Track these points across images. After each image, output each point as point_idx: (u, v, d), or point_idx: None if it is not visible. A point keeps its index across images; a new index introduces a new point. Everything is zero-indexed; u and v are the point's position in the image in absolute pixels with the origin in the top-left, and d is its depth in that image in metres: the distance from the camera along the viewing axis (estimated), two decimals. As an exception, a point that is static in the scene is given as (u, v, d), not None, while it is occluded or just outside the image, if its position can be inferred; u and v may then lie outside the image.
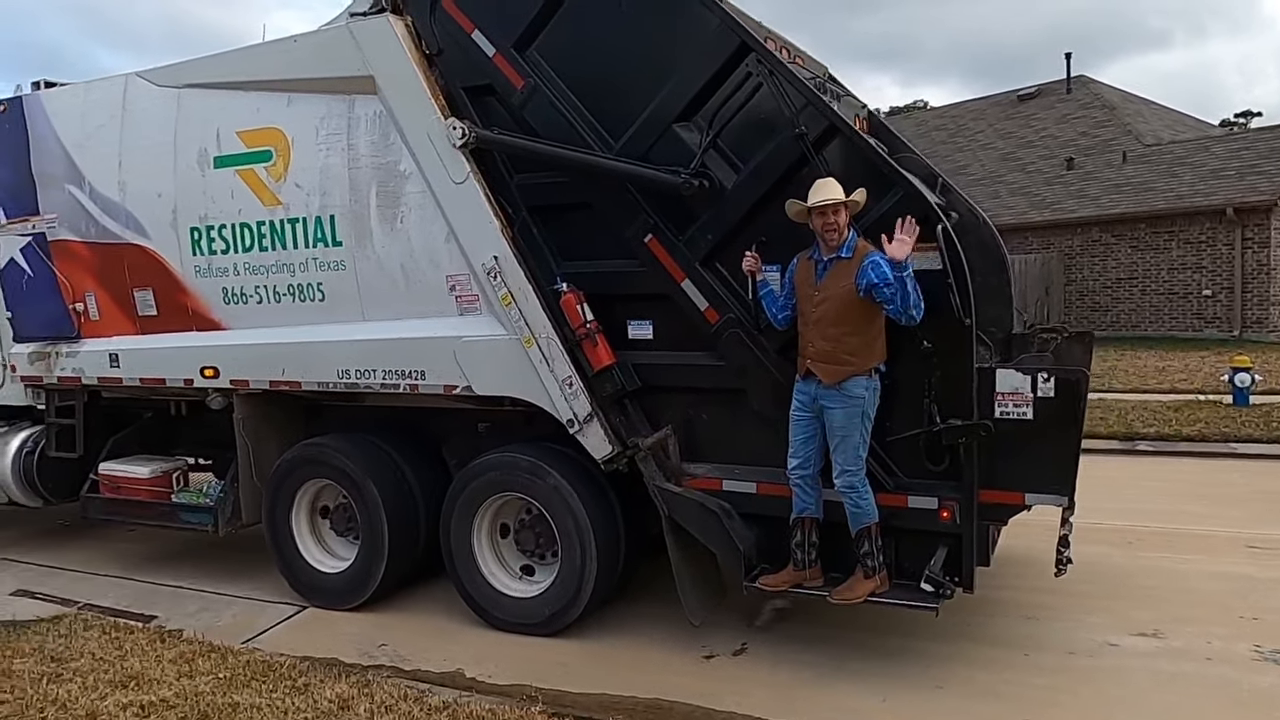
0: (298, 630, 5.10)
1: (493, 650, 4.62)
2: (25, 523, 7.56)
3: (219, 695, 3.93)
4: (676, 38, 4.22)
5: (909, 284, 3.64)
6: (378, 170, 4.89)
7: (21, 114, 6.37)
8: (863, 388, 3.80)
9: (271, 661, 4.34)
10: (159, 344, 5.93)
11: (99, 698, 3.96)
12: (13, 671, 4.30)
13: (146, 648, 4.56)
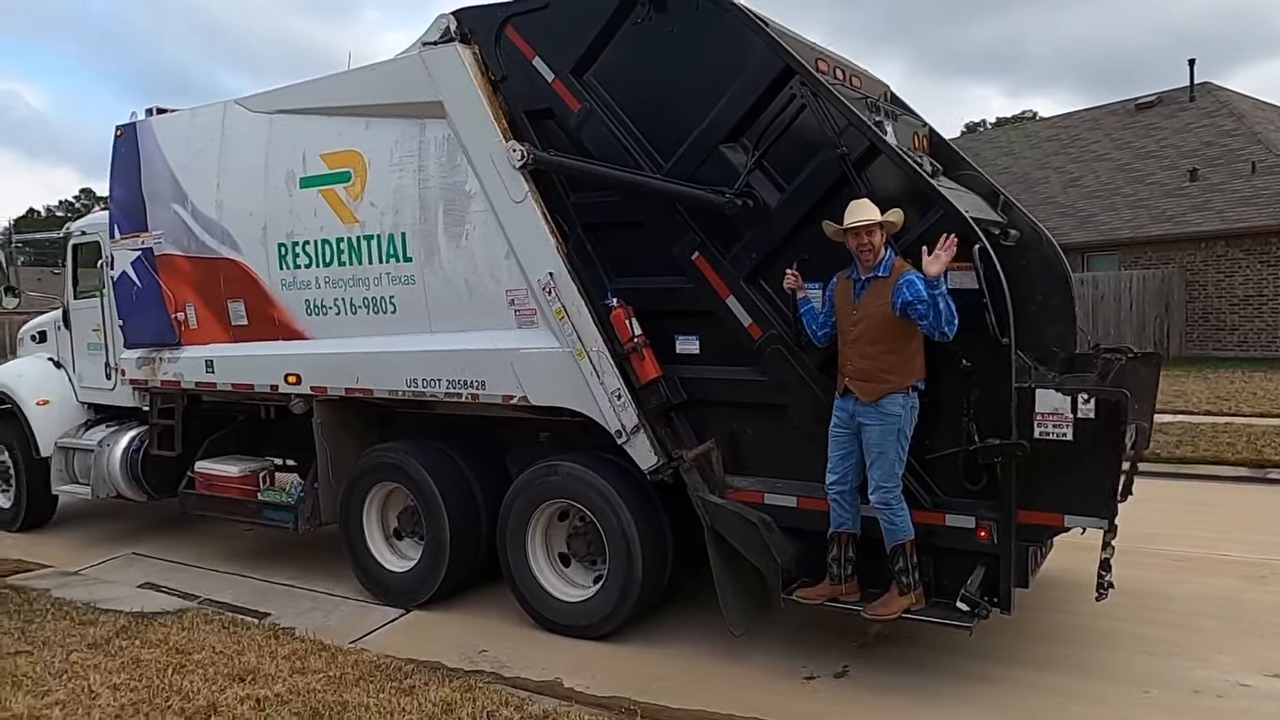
0: (402, 633, 5.31)
1: (589, 661, 4.72)
2: (152, 519, 8.21)
3: (329, 693, 4.08)
4: (723, 61, 4.44)
5: (942, 302, 3.74)
6: (445, 190, 5.28)
7: (135, 138, 7.09)
8: (899, 405, 3.91)
9: (378, 662, 4.49)
10: (249, 352, 6.49)
11: (218, 690, 4.16)
12: (141, 660, 4.58)
13: (262, 644, 4.76)
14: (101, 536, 7.90)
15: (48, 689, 4.22)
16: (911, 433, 3.96)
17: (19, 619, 5.26)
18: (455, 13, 5.22)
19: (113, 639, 4.88)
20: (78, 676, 4.35)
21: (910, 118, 5.75)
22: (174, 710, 3.98)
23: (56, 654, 4.68)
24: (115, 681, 4.27)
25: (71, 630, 5.06)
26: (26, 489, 8.33)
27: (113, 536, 7.89)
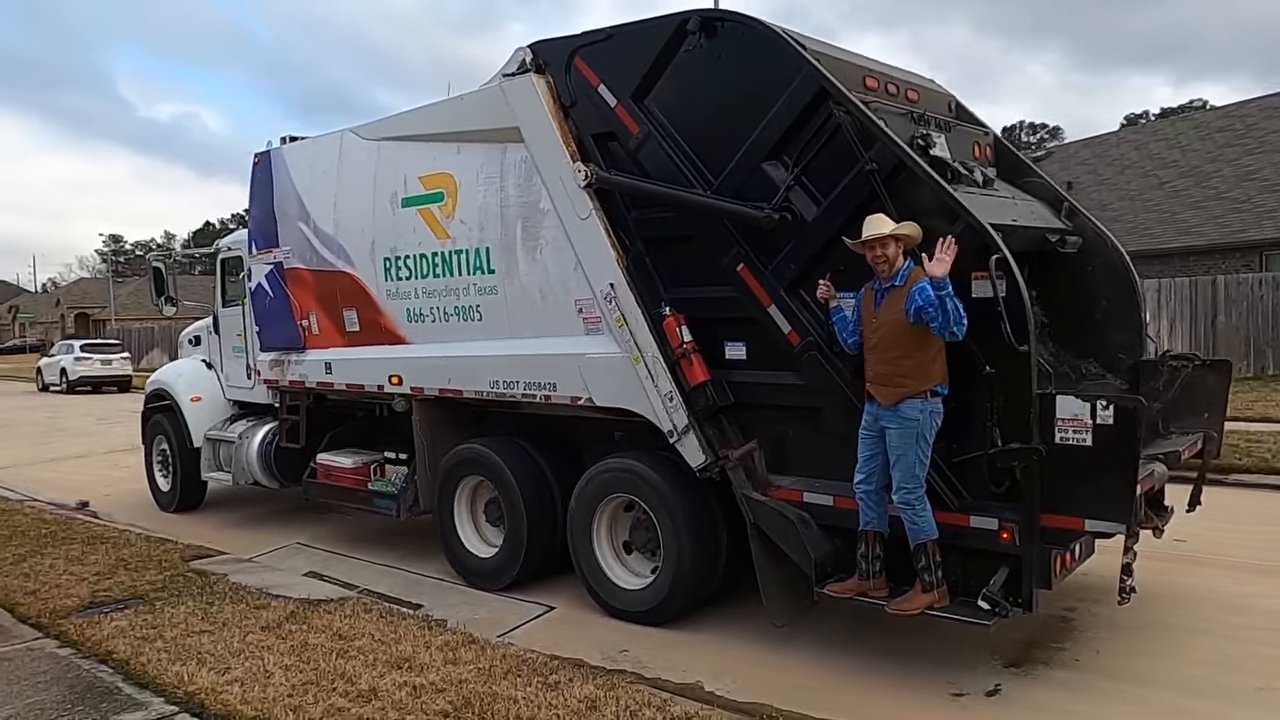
0: (545, 630, 5.48)
1: (730, 665, 4.78)
2: (313, 514, 8.78)
3: (480, 684, 4.23)
4: (765, 84, 4.72)
5: (949, 302, 3.91)
6: (522, 208, 5.79)
7: (270, 164, 7.99)
8: (918, 410, 4.10)
9: (525, 657, 4.62)
10: (360, 355, 7.24)
11: (378, 676, 4.36)
12: (309, 644, 4.83)
13: (417, 634, 4.95)
14: (271, 527, 8.61)
15: (228, 666, 4.53)
16: (933, 436, 4.13)
17: (201, 600, 5.68)
18: (531, 45, 5.73)
19: (284, 623, 5.19)
20: (254, 656, 4.64)
21: (972, 127, 5.85)
22: (339, 692, 4.19)
23: (234, 634, 5.01)
24: (286, 663, 4.54)
25: (247, 613, 5.40)
26: (181, 474, 9.48)
27: (281, 527, 8.56)
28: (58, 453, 14.11)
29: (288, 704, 4.07)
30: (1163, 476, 4.67)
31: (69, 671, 4.62)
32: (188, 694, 4.23)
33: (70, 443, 15.20)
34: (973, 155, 5.66)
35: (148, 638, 4.95)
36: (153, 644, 4.84)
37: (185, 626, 5.13)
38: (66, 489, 10.49)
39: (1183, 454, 4.96)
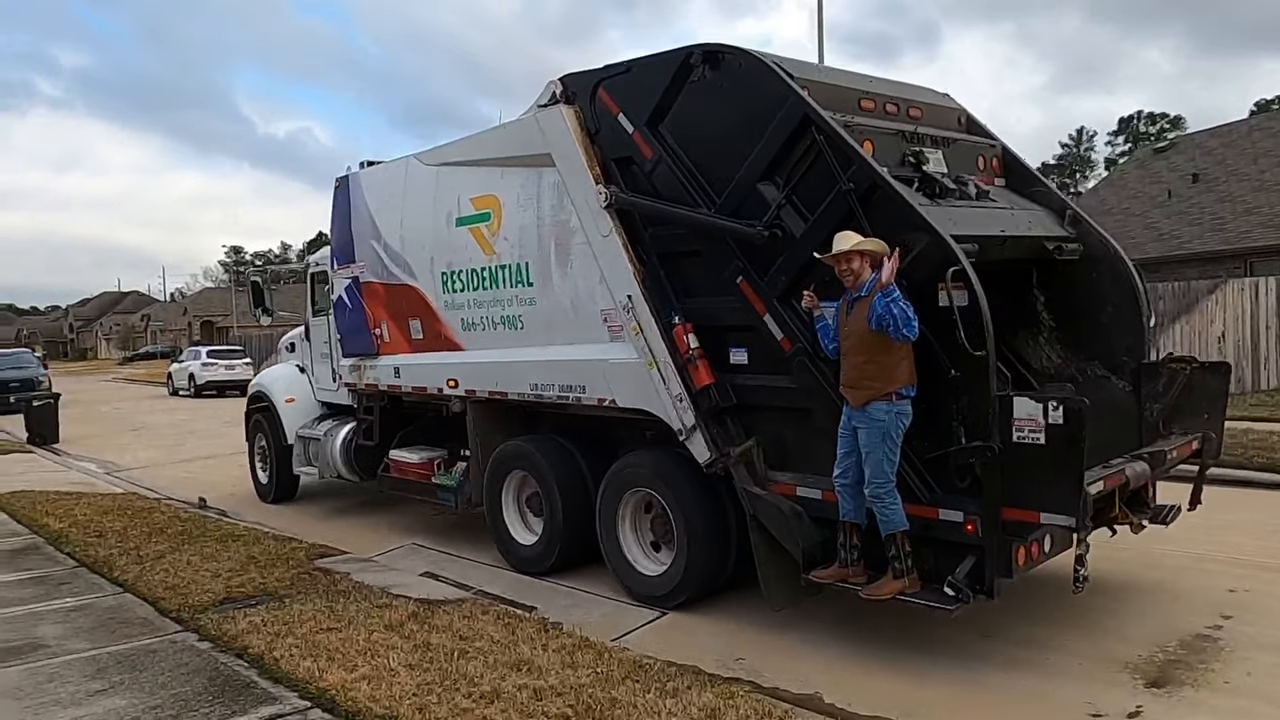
0: (659, 635, 5.49)
1: (848, 677, 4.74)
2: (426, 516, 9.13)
3: (599, 689, 4.22)
4: (759, 111, 5.13)
5: (894, 307, 4.24)
6: (555, 226, 6.35)
7: (348, 187, 8.83)
8: (883, 411, 4.44)
9: (641, 662, 4.61)
10: (423, 361, 7.95)
11: (499, 677, 4.38)
12: (431, 644, 4.88)
13: (534, 636, 4.99)
14: (388, 527, 8.98)
15: (355, 664, 4.62)
16: (900, 435, 4.46)
17: (327, 599, 5.82)
18: (561, 78, 6.29)
19: (406, 622, 5.27)
20: (379, 655, 4.72)
21: (981, 140, 6.10)
22: (462, 693, 4.24)
23: (360, 633, 5.09)
24: (410, 661, 4.62)
25: (371, 612, 5.49)
26: (277, 468, 10.49)
27: (397, 528, 8.88)
28: (189, 454, 15.05)
29: (414, 703, 4.15)
30: (1143, 475, 4.84)
31: (209, 665, 4.83)
32: (319, 690, 4.34)
33: (199, 444, 15.98)
34: (978, 167, 5.92)
35: (279, 634, 5.11)
36: (284, 640, 4.99)
37: (314, 624, 5.26)
38: (197, 488, 11.26)
39: (1170, 454, 5.12)
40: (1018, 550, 4.33)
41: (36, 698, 4.45)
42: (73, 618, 5.70)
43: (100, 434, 18.83)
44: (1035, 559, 4.38)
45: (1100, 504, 4.66)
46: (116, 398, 30.98)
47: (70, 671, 4.78)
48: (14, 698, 4.46)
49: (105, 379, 45.32)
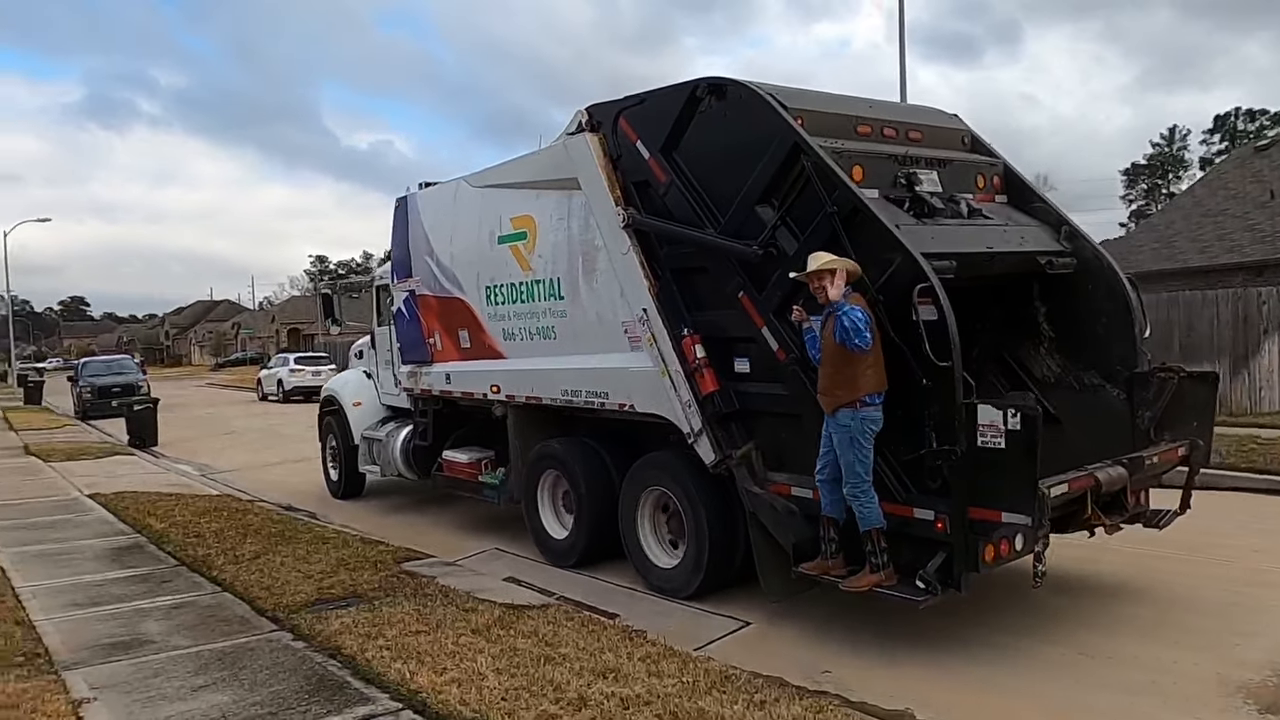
0: (741, 645, 5.46)
1: (939, 693, 4.66)
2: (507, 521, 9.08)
3: (685, 699, 4.20)
4: (757, 139, 5.57)
5: (844, 319, 4.66)
6: (582, 245, 6.90)
7: (406, 207, 9.56)
8: (849, 418, 4.83)
9: (727, 672, 4.58)
10: (471, 368, 8.60)
11: (585, 684, 4.38)
12: (517, 649, 4.94)
13: (618, 644, 5.01)
14: (469, 531, 9.23)
15: (444, 667, 4.68)
16: (868, 439, 4.84)
17: (415, 602, 5.92)
18: (587, 108, 6.83)
19: (492, 627, 5.35)
20: (467, 658, 4.79)
21: (982, 159, 6.42)
22: (549, 699, 4.27)
23: (448, 636, 5.17)
24: (498, 666, 4.68)
25: (458, 616, 5.58)
26: (345, 467, 11.34)
27: (478, 532, 9.13)
28: (278, 457, 15.53)
29: (502, 708, 4.19)
30: (1118, 479, 5.09)
31: (304, 664, 4.95)
32: (410, 692, 4.41)
33: (288, 448, 16.25)
34: (977, 186, 6.24)
35: (370, 635, 5.23)
36: (375, 642, 5.11)
37: (403, 626, 5.37)
38: (287, 490, 11.87)
39: (1151, 459, 5.35)
40: (985, 547, 4.65)
41: (144, 691, 4.65)
42: (175, 615, 6.02)
43: (195, 437, 19.88)
44: (1004, 556, 4.69)
45: (1071, 506, 4.95)
46: (209, 402, 32.57)
47: (175, 667, 5.00)
48: (123, 691, 4.68)
49: (198, 384, 47.62)
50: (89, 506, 10.35)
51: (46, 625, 5.80)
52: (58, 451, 16.21)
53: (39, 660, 5.11)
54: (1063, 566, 6.22)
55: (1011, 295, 6.25)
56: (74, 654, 5.25)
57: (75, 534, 8.79)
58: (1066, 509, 4.97)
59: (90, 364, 31.39)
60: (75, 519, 9.64)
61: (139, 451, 16.93)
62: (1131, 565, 6.45)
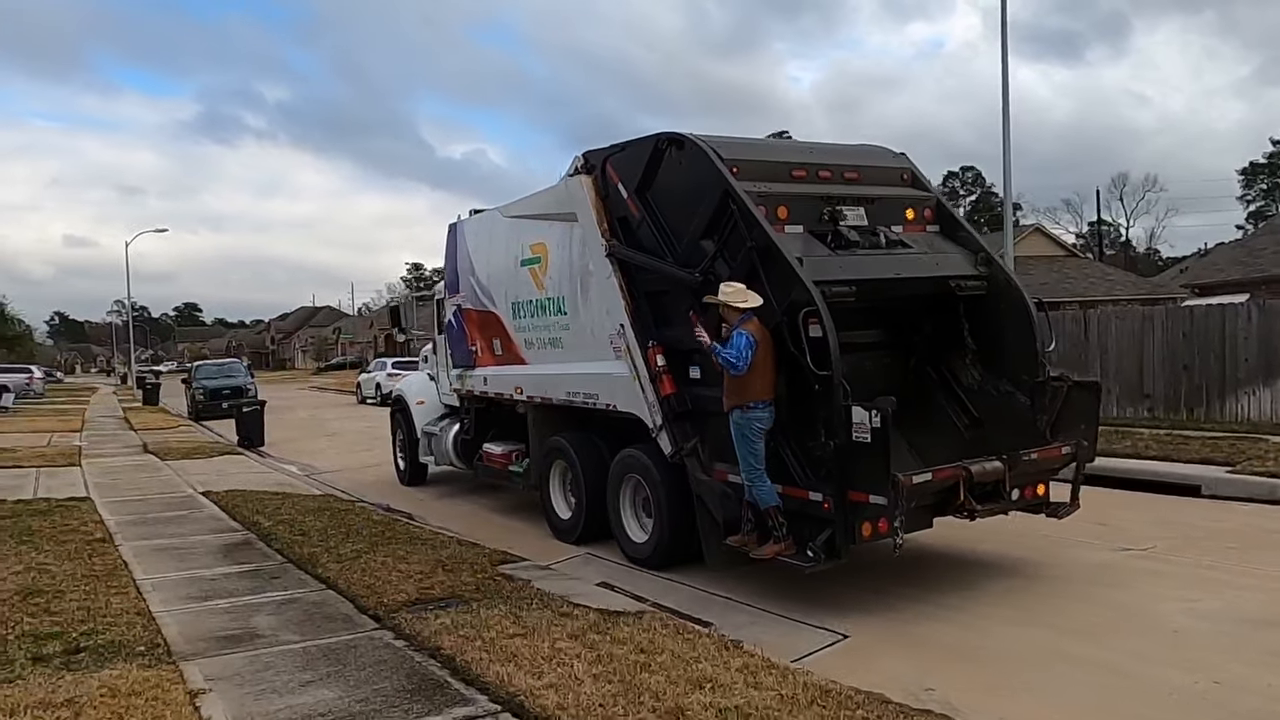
0: (840, 658, 5.46)
1: (1051, 713, 4.65)
2: None
3: (785, 713, 4.18)
4: (702, 185, 6.85)
5: (718, 356, 6.04)
6: (580, 269, 8.32)
7: (455, 231, 11.23)
8: (739, 417, 6.08)
9: (826, 686, 4.54)
10: (501, 372, 10.15)
11: (682, 694, 4.39)
12: (613, 655, 4.96)
13: (715, 653, 5.02)
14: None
15: (541, 671, 4.75)
16: (756, 436, 6.06)
17: (512, 604, 6.07)
18: (584, 154, 8.25)
19: (587, 632, 5.42)
20: (564, 663, 4.86)
21: (916, 192, 7.55)
22: (647, 707, 4.28)
23: (544, 640, 5.26)
24: (594, 672, 4.72)
25: (554, 620, 5.69)
26: (410, 458, 13.17)
27: None
28: (376, 459, 15.76)
29: (600, 714, 4.23)
30: (993, 472, 6.13)
31: (405, 663, 5.10)
32: (509, 694, 4.48)
33: (386, 450, 15.88)
34: (907, 218, 7.37)
35: (469, 637, 5.36)
36: (473, 643, 5.24)
37: (500, 629, 5.51)
38: (385, 492, 12.55)
39: (1030, 456, 6.37)
40: (863, 525, 5.83)
41: (256, 685, 4.86)
42: (283, 610, 6.29)
43: (299, 439, 21.11)
44: (882, 532, 5.83)
45: (945, 493, 6.06)
46: (311, 405, 34.74)
47: (283, 661, 5.20)
48: (236, 683, 4.89)
49: (301, 388, 50.75)
50: (202, 503, 11.11)
51: (165, 616, 6.15)
52: (173, 450, 17.38)
53: (158, 650, 5.40)
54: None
55: (945, 313, 7.35)
56: (190, 645, 5.56)
57: (190, 530, 9.43)
58: (941, 495, 6.09)
59: (203, 367, 34.38)
60: (190, 515, 10.35)
61: (247, 451, 18.07)
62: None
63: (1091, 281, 34.48)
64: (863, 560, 6.87)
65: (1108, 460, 10.47)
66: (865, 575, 6.94)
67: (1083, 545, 7.78)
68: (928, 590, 6.68)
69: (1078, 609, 6.23)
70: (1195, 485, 9.97)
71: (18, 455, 16.32)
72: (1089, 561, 7.39)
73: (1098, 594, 6.54)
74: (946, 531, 7.42)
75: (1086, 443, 6.65)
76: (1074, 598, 6.48)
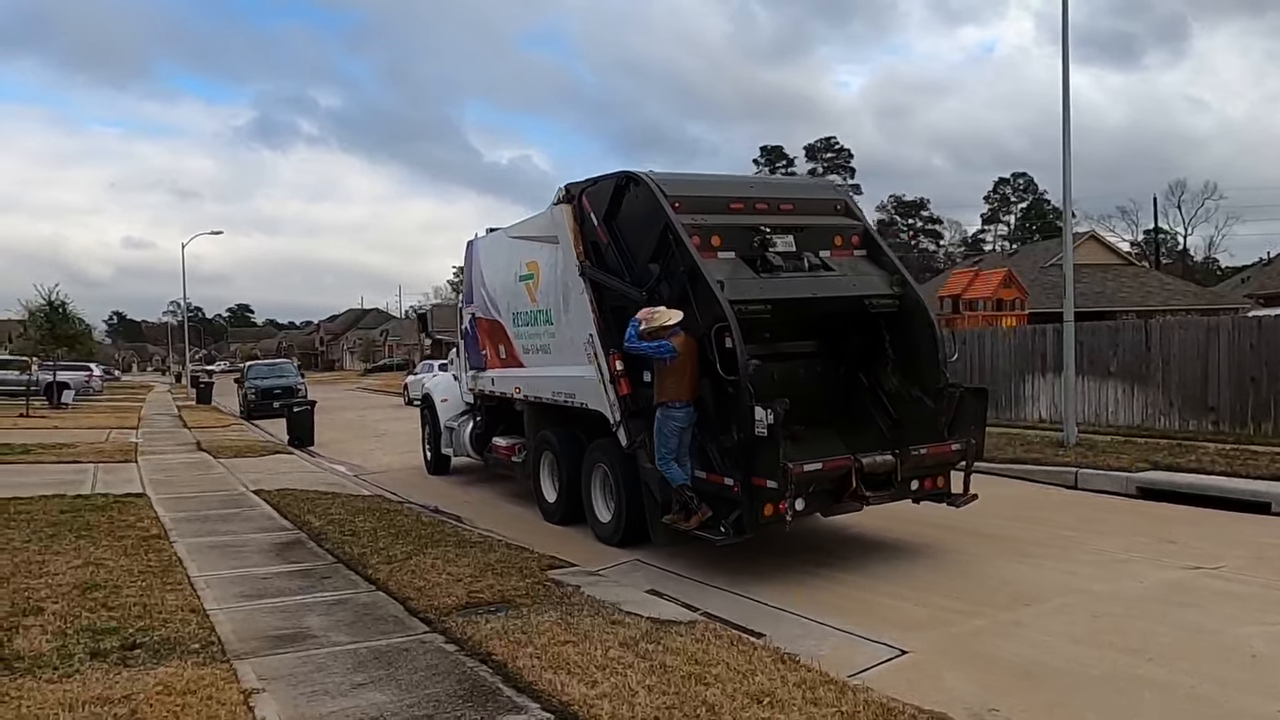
0: (899, 675, 5.49)
1: None
2: None
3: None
4: (650, 216, 8.62)
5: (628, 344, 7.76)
6: (562, 286, 10.16)
7: (471, 248, 13.25)
8: (660, 413, 7.82)
9: (887, 704, 4.58)
10: (505, 374, 12.09)
11: (739, 708, 4.46)
12: (667, 666, 5.03)
13: (771, 666, 5.09)
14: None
15: (594, 680, 4.82)
16: (671, 432, 7.75)
17: (562, 610, 6.26)
18: (566, 186, 10.08)
19: (640, 641, 5.55)
20: (617, 673, 4.94)
21: (845, 221, 9.22)
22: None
23: (596, 648, 5.38)
24: (648, 683, 4.81)
25: (605, 628, 5.82)
26: (435, 450, 15.37)
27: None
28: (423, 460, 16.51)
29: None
30: (883, 464, 7.74)
31: (456, 668, 5.23)
32: (561, 704, 4.57)
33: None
34: (835, 244, 9.04)
35: (520, 643, 5.52)
36: (525, 649, 5.40)
37: (551, 635, 5.68)
38: (433, 493, 13.34)
39: (918, 451, 7.95)
40: (765, 506, 7.49)
41: (309, 685, 4.99)
42: (334, 611, 6.56)
43: (347, 439, 22.51)
44: (783, 513, 7.44)
45: (839, 482, 7.69)
46: (359, 406, 36.35)
47: (335, 663, 5.39)
48: (290, 684, 5.03)
49: (349, 388, 53.21)
50: (254, 502, 11.79)
51: (219, 614, 6.44)
52: (226, 449, 18.58)
53: (212, 648, 5.63)
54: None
55: (873, 328, 8.98)
56: (244, 644, 5.77)
57: (243, 528, 10.01)
58: (836, 483, 7.71)
59: (255, 367, 36.91)
60: (242, 513, 10.99)
61: (297, 451, 19.28)
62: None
63: (1149, 290, 35.16)
64: (912, 572, 7.87)
65: (1172, 475, 11.29)
66: (913, 588, 7.47)
67: (1149, 562, 8.04)
68: (981, 604, 6.92)
69: (1147, 628, 6.26)
70: (1265, 503, 10.03)
71: (78, 451, 17.84)
72: (1156, 579, 7.52)
73: (1168, 614, 6.59)
74: (997, 544, 8.48)
75: (975, 441, 8.24)
76: (1142, 616, 6.55)
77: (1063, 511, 10.56)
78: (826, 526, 9.40)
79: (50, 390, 32.99)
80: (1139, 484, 11.42)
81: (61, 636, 5.80)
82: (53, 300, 31.19)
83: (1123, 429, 15.66)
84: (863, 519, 9.10)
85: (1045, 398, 17.57)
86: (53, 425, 24.64)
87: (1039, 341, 17.84)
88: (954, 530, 9.26)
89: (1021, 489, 12.00)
